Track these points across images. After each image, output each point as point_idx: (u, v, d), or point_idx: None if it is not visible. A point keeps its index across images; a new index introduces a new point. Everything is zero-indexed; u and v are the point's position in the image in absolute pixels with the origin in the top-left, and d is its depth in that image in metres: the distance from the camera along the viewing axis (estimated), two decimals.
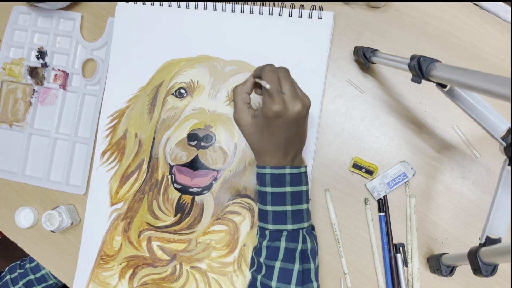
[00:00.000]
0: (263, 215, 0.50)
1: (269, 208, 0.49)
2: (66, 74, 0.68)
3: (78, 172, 0.67)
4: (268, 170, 0.48)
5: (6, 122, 0.69)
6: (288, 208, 0.48)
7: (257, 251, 0.50)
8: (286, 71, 0.47)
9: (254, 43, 0.62)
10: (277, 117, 0.45)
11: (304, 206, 0.49)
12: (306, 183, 0.50)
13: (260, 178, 0.49)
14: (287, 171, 0.48)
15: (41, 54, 0.69)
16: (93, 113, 0.66)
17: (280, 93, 0.45)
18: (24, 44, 0.70)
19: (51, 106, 0.69)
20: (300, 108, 0.45)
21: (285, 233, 0.48)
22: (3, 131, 0.70)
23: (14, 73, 0.70)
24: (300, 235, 0.48)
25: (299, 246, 0.48)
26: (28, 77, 0.69)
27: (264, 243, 0.49)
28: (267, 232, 0.49)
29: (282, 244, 0.47)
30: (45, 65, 0.69)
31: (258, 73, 0.48)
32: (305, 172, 0.50)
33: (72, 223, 0.63)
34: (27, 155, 0.69)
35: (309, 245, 0.49)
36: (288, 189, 0.48)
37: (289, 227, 0.48)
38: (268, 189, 0.48)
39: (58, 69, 0.69)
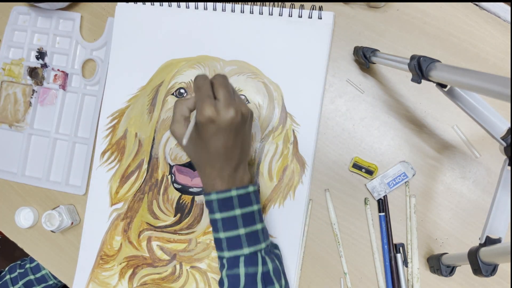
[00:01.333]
0: (218, 244, 0.48)
1: (222, 235, 0.47)
2: (65, 75, 0.68)
3: (78, 172, 0.67)
4: (214, 196, 0.46)
5: (6, 123, 0.69)
6: (241, 231, 0.46)
7: (219, 282, 0.48)
8: (223, 78, 0.46)
9: (254, 43, 0.62)
10: (209, 123, 0.43)
11: (258, 226, 0.48)
12: (257, 202, 0.49)
13: (209, 206, 0.48)
14: (234, 193, 0.46)
15: (41, 55, 0.69)
16: (93, 113, 0.66)
17: (212, 98, 0.44)
18: (23, 44, 0.70)
19: (50, 106, 0.69)
20: (233, 115, 0.43)
21: (242, 258, 0.46)
22: (3, 131, 0.70)
23: (13, 74, 0.70)
24: (259, 257, 0.47)
25: (259, 269, 0.46)
26: (28, 77, 0.69)
27: (224, 272, 0.47)
28: (224, 260, 0.47)
29: (242, 270, 0.45)
30: (44, 66, 0.69)
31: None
32: (255, 191, 0.49)
33: (72, 223, 0.63)
34: (27, 156, 0.69)
35: (270, 266, 0.47)
36: (237, 211, 0.46)
37: (246, 251, 0.46)
38: (218, 216, 0.46)
39: (58, 70, 0.69)
